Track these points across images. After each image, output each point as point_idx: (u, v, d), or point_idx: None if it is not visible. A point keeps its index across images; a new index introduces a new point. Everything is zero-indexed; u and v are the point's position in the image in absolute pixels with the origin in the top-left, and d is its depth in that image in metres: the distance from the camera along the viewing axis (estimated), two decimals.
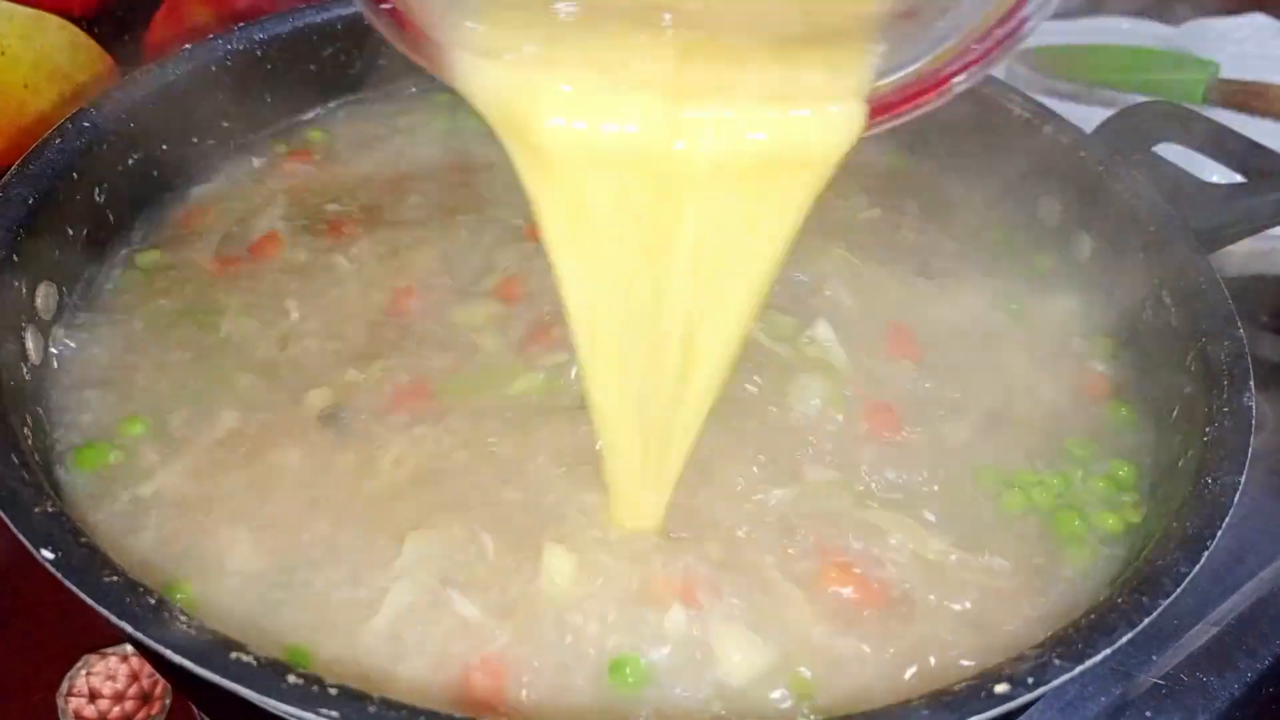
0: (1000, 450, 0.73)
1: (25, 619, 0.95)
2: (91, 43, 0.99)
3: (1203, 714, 0.85)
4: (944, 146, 0.96)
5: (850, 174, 0.43)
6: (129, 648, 0.92)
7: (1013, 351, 0.81)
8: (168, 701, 0.90)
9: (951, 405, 0.76)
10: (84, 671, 0.91)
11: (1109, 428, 0.76)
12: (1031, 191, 0.90)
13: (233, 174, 0.89)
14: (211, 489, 0.66)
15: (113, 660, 0.91)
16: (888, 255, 0.87)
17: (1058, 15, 1.55)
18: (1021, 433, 0.75)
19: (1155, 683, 0.86)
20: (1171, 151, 0.89)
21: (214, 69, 0.86)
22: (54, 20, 0.96)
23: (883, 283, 0.83)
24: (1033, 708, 0.59)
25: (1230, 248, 0.83)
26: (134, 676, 0.91)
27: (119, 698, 0.90)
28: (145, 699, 0.90)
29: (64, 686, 0.89)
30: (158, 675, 0.90)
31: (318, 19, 0.91)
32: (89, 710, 0.89)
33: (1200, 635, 0.89)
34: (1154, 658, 0.88)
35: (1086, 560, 0.67)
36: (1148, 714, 0.85)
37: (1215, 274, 0.74)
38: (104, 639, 0.91)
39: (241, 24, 0.88)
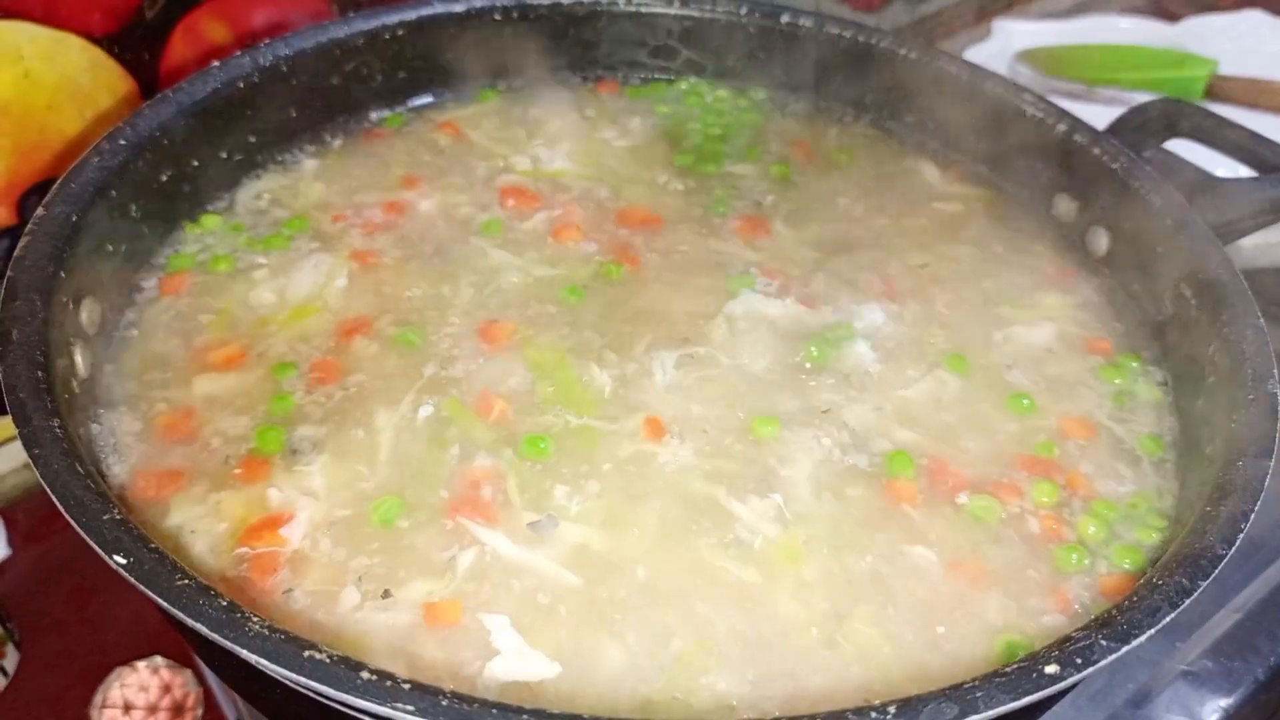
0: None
1: (54, 635, 0.95)
2: (113, 63, 0.99)
3: (1226, 698, 0.87)
4: (959, 148, 0.98)
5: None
6: (160, 659, 0.92)
7: (1031, 346, 0.83)
8: (200, 712, 0.90)
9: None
10: (117, 683, 0.91)
11: (1135, 419, 0.78)
12: (1047, 189, 0.92)
13: (261, 187, 0.90)
14: None
15: (144, 672, 0.92)
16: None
17: (1056, 15, 1.58)
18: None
19: (1180, 669, 0.87)
20: (1179, 148, 0.90)
21: (241, 85, 0.87)
22: (76, 41, 0.96)
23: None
24: (1064, 696, 0.60)
25: (1239, 241, 0.85)
26: (166, 687, 0.92)
27: (152, 709, 0.91)
28: (178, 710, 0.91)
29: (97, 699, 0.90)
30: (189, 686, 0.91)
31: (341, 33, 0.92)
32: None
33: (1223, 621, 0.90)
34: (1178, 645, 0.89)
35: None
36: (1174, 700, 0.86)
37: (1234, 265, 0.76)
38: (133, 651, 0.92)
39: (266, 41, 0.89)
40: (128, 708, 0.90)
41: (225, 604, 0.50)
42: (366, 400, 0.73)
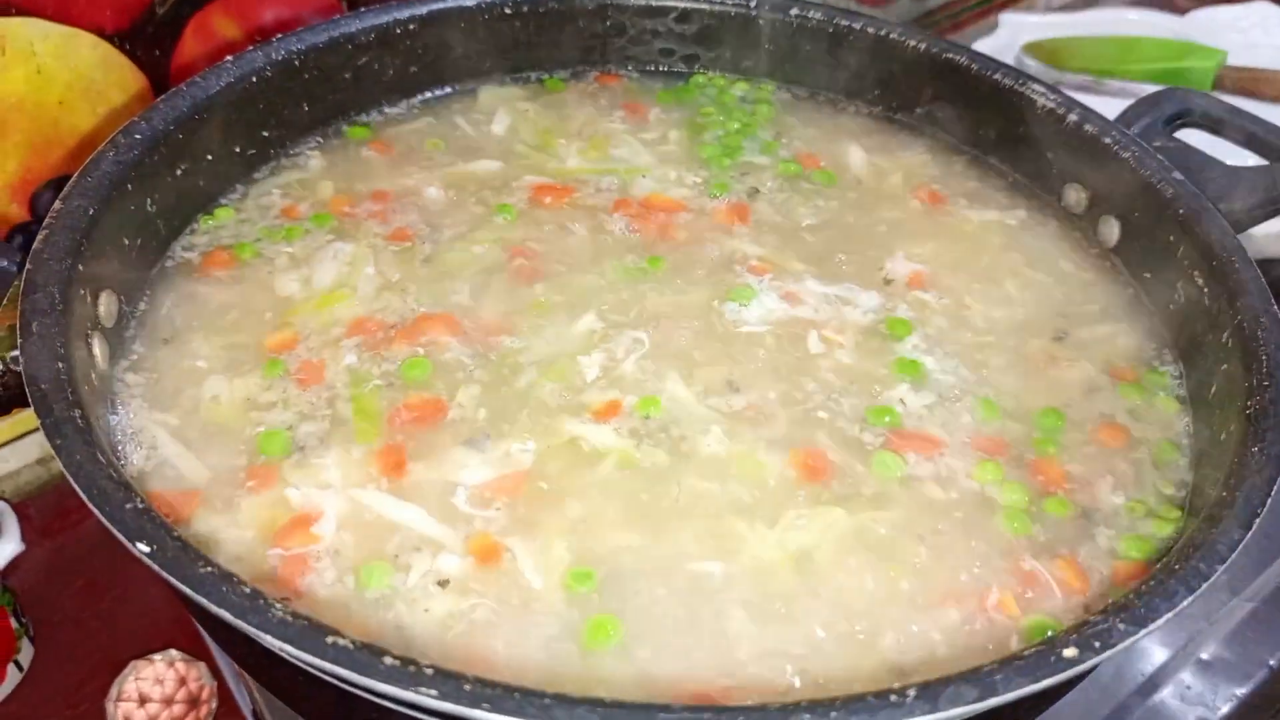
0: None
1: (69, 629, 0.96)
2: (124, 60, 1.00)
3: (1240, 685, 0.87)
4: (971, 138, 0.98)
5: None
6: (175, 652, 0.93)
7: (1046, 334, 0.83)
8: (214, 705, 0.91)
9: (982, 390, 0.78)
10: (132, 677, 0.92)
11: (1148, 407, 0.78)
12: (1058, 179, 0.92)
13: (273, 183, 0.91)
14: None
15: (160, 665, 0.92)
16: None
17: (1065, 8, 1.59)
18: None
19: (1194, 658, 0.88)
20: (1189, 137, 0.90)
21: (254, 79, 0.87)
22: (87, 38, 0.97)
23: None
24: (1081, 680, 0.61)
25: (1250, 230, 0.85)
26: (181, 680, 0.92)
27: (168, 701, 0.91)
28: (193, 702, 0.91)
29: (113, 692, 0.91)
30: (204, 679, 0.92)
31: (352, 28, 0.92)
32: (139, 715, 0.90)
33: (1236, 610, 0.91)
34: (1191, 634, 0.90)
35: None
36: (1187, 687, 0.86)
37: (1246, 252, 0.76)
38: (148, 645, 0.93)
39: (279, 36, 0.90)
40: (143, 700, 0.91)
41: (248, 590, 0.50)
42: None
